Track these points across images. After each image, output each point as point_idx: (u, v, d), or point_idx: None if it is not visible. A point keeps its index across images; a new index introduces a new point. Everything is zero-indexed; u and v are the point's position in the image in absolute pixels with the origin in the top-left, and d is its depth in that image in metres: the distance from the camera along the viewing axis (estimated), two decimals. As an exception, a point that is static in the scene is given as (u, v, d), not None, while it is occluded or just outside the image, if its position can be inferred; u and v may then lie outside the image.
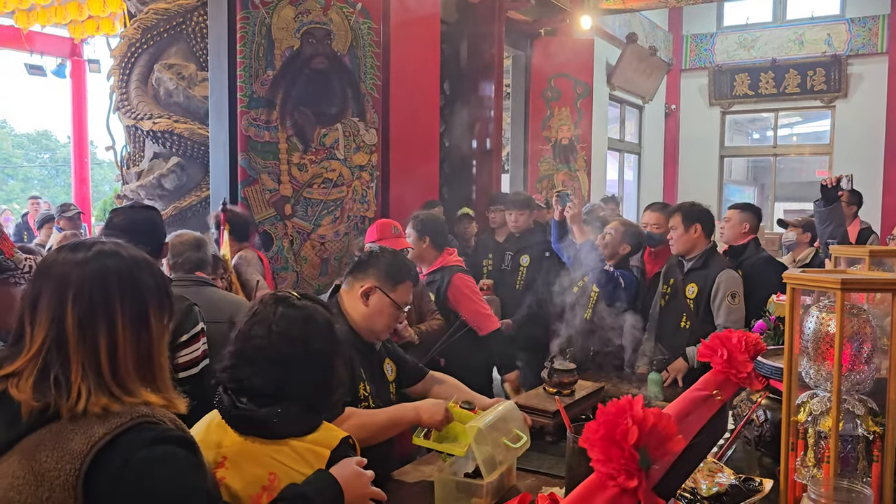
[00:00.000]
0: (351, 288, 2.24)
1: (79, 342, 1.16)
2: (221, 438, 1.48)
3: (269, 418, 1.46)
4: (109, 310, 1.19)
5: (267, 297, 1.62)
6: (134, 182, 6.93)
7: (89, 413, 1.12)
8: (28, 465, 1.10)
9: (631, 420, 0.83)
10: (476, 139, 6.50)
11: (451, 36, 6.33)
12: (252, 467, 1.43)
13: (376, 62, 4.87)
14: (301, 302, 1.60)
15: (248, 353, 1.52)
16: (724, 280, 3.50)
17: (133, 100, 6.79)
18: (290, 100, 4.47)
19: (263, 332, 1.53)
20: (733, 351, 1.38)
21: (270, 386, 1.49)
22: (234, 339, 1.57)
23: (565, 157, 7.83)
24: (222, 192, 4.42)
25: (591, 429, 0.86)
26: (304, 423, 1.49)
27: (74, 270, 1.19)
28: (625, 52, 9.50)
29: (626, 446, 0.81)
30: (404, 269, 2.26)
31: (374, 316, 2.20)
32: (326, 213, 4.68)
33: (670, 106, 11.79)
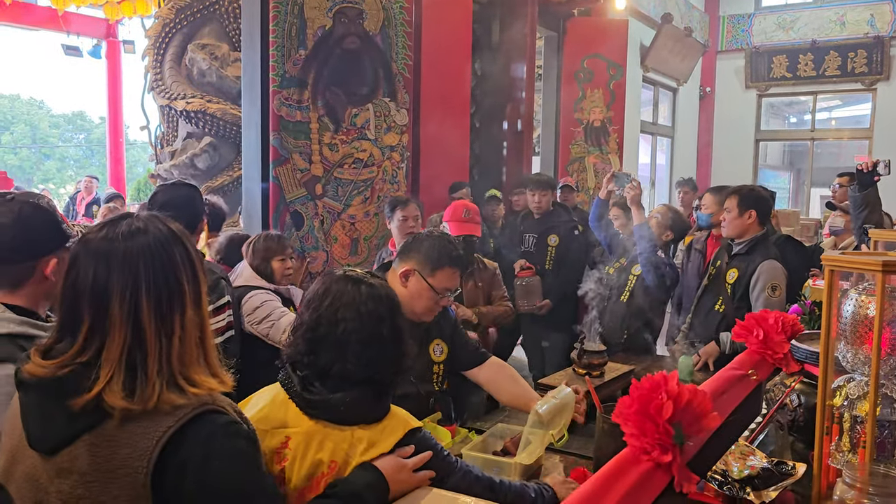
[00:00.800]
0: (397, 268, 2.25)
1: (157, 332, 1.11)
2: (286, 417, 1.46)
3: (341, 404, 1.44)
4: (181, 295, 1.15)
5: (341, 277, 1.55)
6: (167, 162, 7.03)
7: (156, 409, 1.09)
8: (96, 462, 1.07)
9: (666, 395, 0.82)
10: (507, 120, 6.46)
11: (483, 16, 6.27)
12: (315, 453, 1.42)
13: (408, 42, 4.85)
14: (376, 281, 1.57)
15: (337, 338, 1.47)
16: (766, 270, 3.42)
17: (167, 80, 6.87)
18: (321, 79, 4.47)
19: (352, 314, 1.48)
20: (770, 331, 1.36)
21: (360, 370, 1.45)
22: (314, 322, 1.50)
23: (597, 139, 7.74)
24: (254, 171, 4.45)
25: (625, 403, 0.85)
26: (375, 409, 1.47)
27: (138, 250, 1.13)
28: (659, 32, 9.34)
29: (661, 421, 0.81)
30: (445, 255, 2.21)
31: (413, 298, 2.19)
32: (357, 194, 4.69)
33: (705, 88, 11.59)
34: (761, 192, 3.66)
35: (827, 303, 1.61)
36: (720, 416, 0.98)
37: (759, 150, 11.75)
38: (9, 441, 1.19)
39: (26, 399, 1.14)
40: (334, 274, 1.58)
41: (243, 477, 1.12)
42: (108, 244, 1.14)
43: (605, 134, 7.82)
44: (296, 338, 1.52)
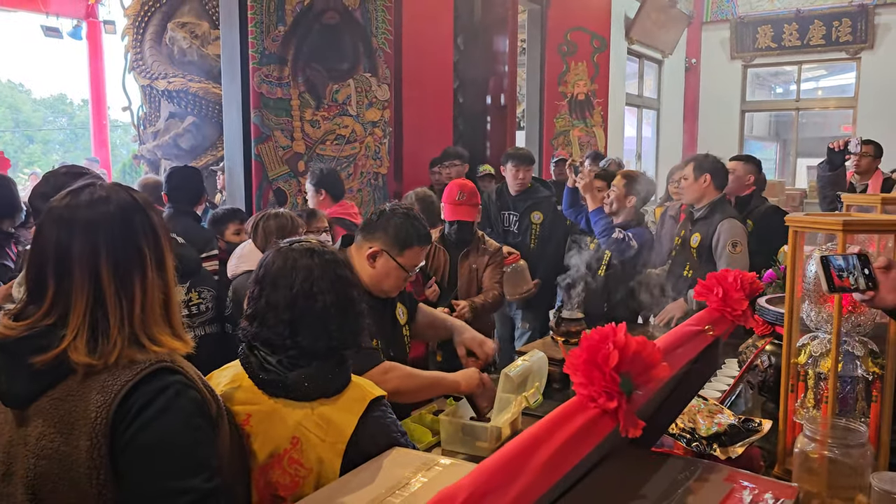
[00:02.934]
0: (360, 247, 2.21)
1: (116, 294, 1.16)
2: (246, 394, 1.46)
3: (299, 382, 1.44)
4: (141, 260, 1.19)
5: (286, 248, 1.54)
6: (151, 142, 6.99)
7: (116, 364, 1.14)
8: (59, 415, 1.13)
9: (612, 345, 0.85)
10: (490, 95, 6.45)
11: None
12: (277, 429, 1.42)
13: (388, 16, 4.83)
14: (325, 249, 1.56)
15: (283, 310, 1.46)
16: (726, 229, 3.49)
17: (147, 59, 6.81)
18: (301, 56, 4.46)
19: (297, 285, 1.47)
20: (729, 289, 1.39)
21: (314, 343, 1.46)
22: (258, 294, 1.50)
23: (581, 112, 7.75)
24: (236, 149, 4.44)
25: (575, 354, 0.88)
26: (335, 381, 1.47)
27: (99, 218, 1.18)
28: (644, 4, 9.30)
29: (607, 370, 0.83)
30: (413, 234, 2.19)
31: (381, 278, 2.18)
32: (340, 170, 4.69)
33: (690, 60, 11.56)
34: (716, 158, 3.73)
35: (791, 263, 1.65)
36: (673, 368, 1.01)
37: (744, 121, 11.76)
38: None
39: None
40: (290, 247, 1.55)
41: (177, 436, 1.14)
42: (71, 211, 1.19)
43: (589, 107, 7.83)
44: (266, 318, 1.48)
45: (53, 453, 1.13)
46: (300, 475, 1.42)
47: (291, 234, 3.01)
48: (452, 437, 2.02)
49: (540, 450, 0.71)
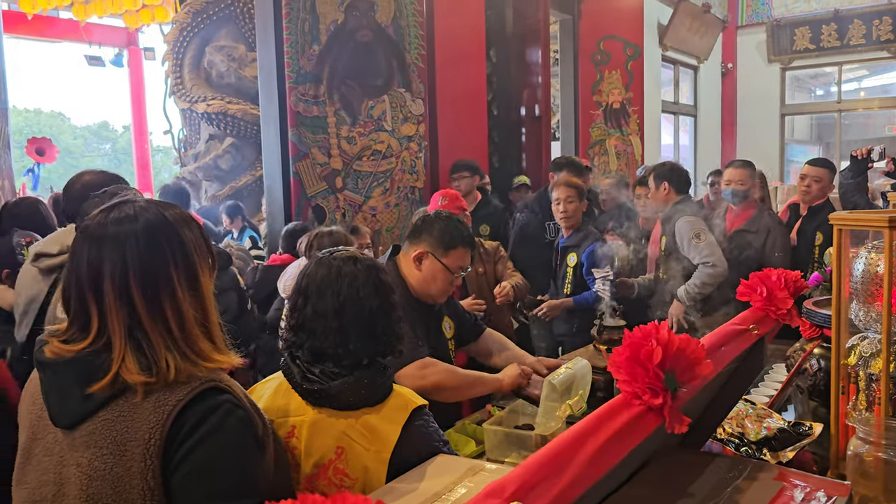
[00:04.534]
0: (407, 252, 2.27)
1: (150, 314, 1.16)
2: (290, 405, 1.48)
3: (343, 392, 1.45)
4: (168, 279, 1.18)
5: (326, 258, 1.56)
6: (192, 164, 7.14)
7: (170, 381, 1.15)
8: (111, 436, 1.13)
9: (656, 342, 0.85)
10: (524, 106, 6.45)
11: (496, 2, 6.27)
12: (322, 439, 1.43)
13: (420, 32, 4.88)
14: (363, 259, 1.58)
15: (324, 320, 1.48)
16: (680, 226, 3.70)
17: (187, 83, 6.98)
18: (336, 74, 4.52)
19: (336, 295, 1.49)
20: (773, 288, 1.36)
21: (355, 352, 1.47)
22: (300, 305, 1.52)
23: (617, 121, 7.71)
24: (275, 168, 4.51)
25: (618, 352, 0.88)
26: (377, 389, 1.48)
27: (125, 237, 1.17)
28: (677, 10, 9.23)
29: (651, 366, 0.83)
30: (457, 235, 2.25)
31: (428, 281, 2.22)
32: (376, 185, 4.74)
33: (727, 65, 11.43)
34: (674, 165, 4.02)
35: (837, 263, 1.61)
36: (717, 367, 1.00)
37: (784, 125, 11.56)
38: (28, 418, 1.25)
39: (46, 378, 1.20)
40: (332, 256, 1.57)
41: (227, 456, 1.14)
42: (101, 229, 1.19)
43: (625, 115, 7.78)
44: (314, 327, 1.50)
45: (107, 474, 1.13)
46: (346, 485, 1.42)
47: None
48: (497, 445, 2.02)
49: (586, 444, 0.71)
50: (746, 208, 4.00)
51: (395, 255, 2.33)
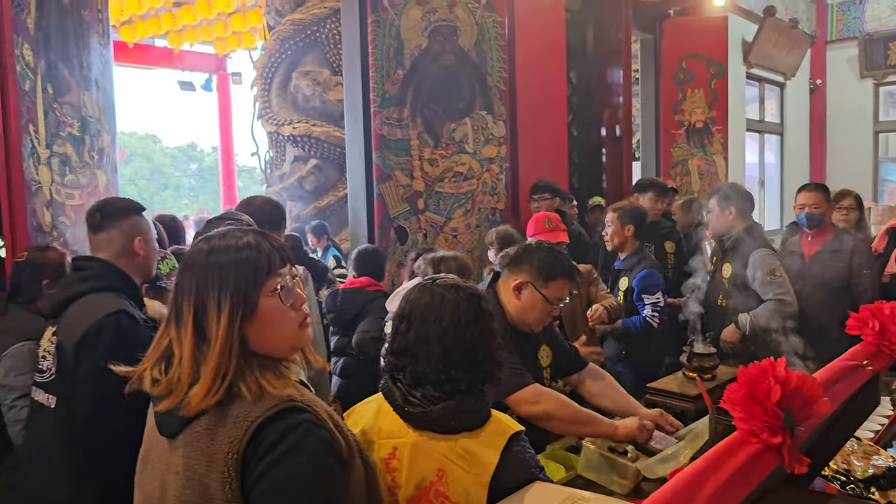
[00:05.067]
0: (507, 280, 2.28)
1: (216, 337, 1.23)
2: (391, 427, 1.51)
3: (444, 415, 1.47)
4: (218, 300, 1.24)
5: (429, 285, 1.59)
6: (277, 185, 7.38)
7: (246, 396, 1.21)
8: (200, 447, 1.21)
9: (773, 379, 0.83)
10: (605, 126, 6.41)
11: (576, 24, 6.27)
12: (423, 461, 1.46)
13: (502, 55, 4.92)
14: (465, 285, 1.60)
15: (427, 345, 1.51)
16: (758, 259, 3.60)
17: (274, 107, 7.23)
18: (419, 97, 4.61)
19: (438, 320, 1.52)
20: (886, 322, 1.31)
21: (454, 377, 1.49)
22: (404, 329, 1.55)
23: (700, 140, 7.54)
24: (359, 189, 4.62)
25: (733, 389, 0.87)
26: (477, 414, 1.50)
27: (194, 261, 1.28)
28: (762, 27, 8.99)
29: (769, 405, 0.81)
30: (557, 266, 2.25)
31: (527, 310, 2.23)
32: (458, 206, 4.78)
33: (815, 81, 11.03)
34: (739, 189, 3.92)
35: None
36: (833, 403, 0.97)
37: (878, 143, 11.05)
38: (149, 426, 1.37)
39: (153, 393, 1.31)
40: (435, 283, 1.60)
41: (305, 475, 1.17)
42: (186, 256, 1.33)
43: (708, 134, 7.61)
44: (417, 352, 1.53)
45: (196, 483, 1.20)
46: None
47: (468, 274, 3.16)
48: (592, 465, 2.00)
49: (707, 483, 0.71)
50: (822, 231, 3.91)
51: (495, 283, 2.34)
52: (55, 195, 2.72)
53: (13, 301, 2.44)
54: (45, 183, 2.65)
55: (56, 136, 2.71)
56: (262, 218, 2.63)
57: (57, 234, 2.74)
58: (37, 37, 2.59)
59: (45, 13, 2.64)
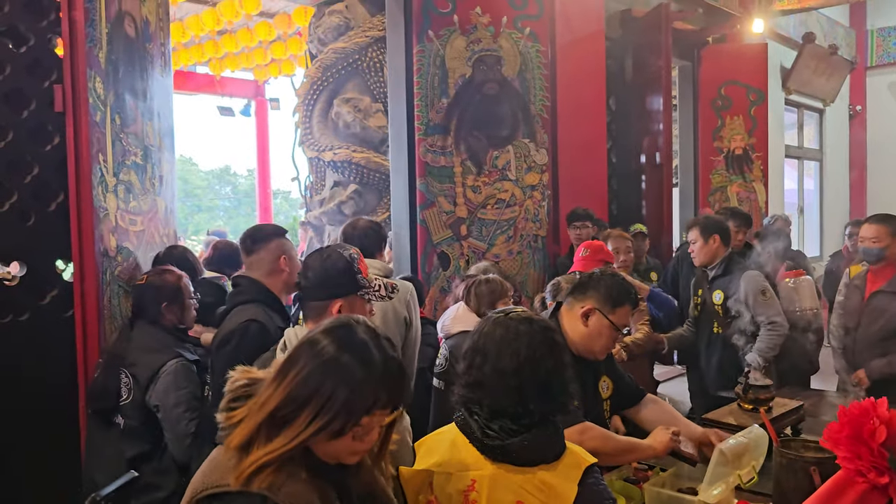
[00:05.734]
0: (571, 308, 2.29)
1: (295, 448, 1.24)
2: (468, 459, 1.52)
3: (523, 448, 1.48)
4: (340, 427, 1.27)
5: (502, 319, 1.60)
6: (317, 209, 7.48)
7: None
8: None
9: (878, 420, 0.84)
10: (644, 153, 6.41)
11: (616, 51, 6.31)
12: (502, 494, 1.46)
13: (545, 83, 4.98)
14: (537, 319, 1.62)
15: (502, 379, 1.52)
16: (747, 282, 3.68)
17: (315, 133, 7.34)
18: (463, 125, 4.67)
19: (514, 355, 1.52)
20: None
21: (529, 411, 1.50)
22: (479, 364, 1.56)
23: (739, 167, 7.50)
24: (403, 216, 4.69)
25: (835, 428, 0.88)
26: (553, 448, 1.52)
27: (329, 373, 1.27)
28: (801, 53, 8.96)
29: (875, 445, 0.82)
30: (624, 293, 2.27)
31: (594, 337, 2.24)
32: (500, 233, 4.81)
33: (855, 107, 10.93)
34: (717, 218, 4.04)
35: None
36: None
37: (920, 170, 10.90)
38: None
39: None
40: (508, 317, 1.61)
41: None
42: (322, 336, 1.34)
43: (747, 161, 7.57)
44: (466, 378, 1.56)
45: None
46: None
47: (501, 296, 3.22)
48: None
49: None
50: (886, 267, 3.64)
51: (557, 312, 2.36)
52: (120, 221, 2.80)
53: (138, 320, 2.64)
54: (112, 210, 2.74)
55: (122, 165, 2.80)
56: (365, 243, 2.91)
57: (121, 259, 2.82)
58: (107, 70, 2.69)
59: (114, 47, 2.75)
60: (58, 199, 2.75)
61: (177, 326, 2.64)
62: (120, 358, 2.54)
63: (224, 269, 3.74)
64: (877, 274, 3.67)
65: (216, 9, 8.92)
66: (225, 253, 3.90)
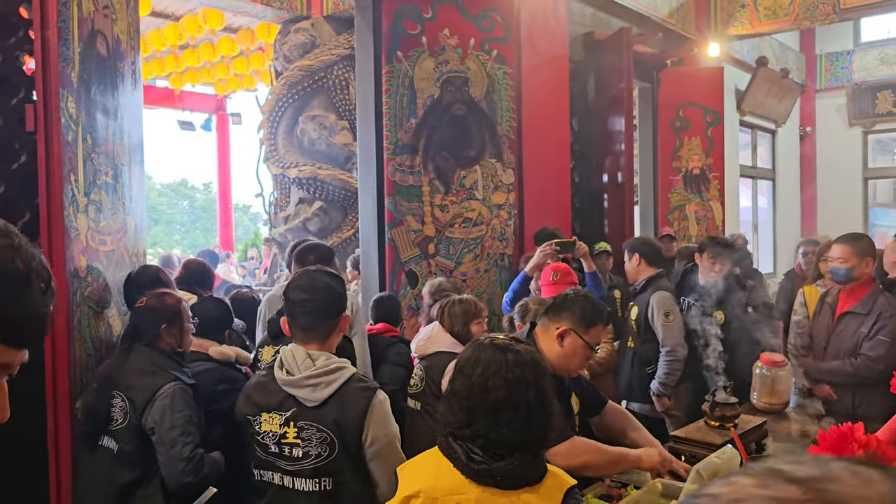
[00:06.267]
0: (546, 329, 2.37)
1: None
2: (452, 484, 1.55)
3: (508, 472, 1.51)
4: None
5: (487, 345, 1.64)
6: (282, 226, 7.44)
7: None
8: None
9: (856, 444, 0.90)
10: (606, 173, 6.54)
11: (579, 73, 6.44)
12: None
13: (511, 104, 5.06)
14: (521, 346, 1.65)
15: (489, 406, 1.55)
16: (657, 301, 3.95)
17: (281, 150, 7.33)
18: (431, 145, 4.72)
19: (500, 382, 1.56)
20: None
21: (514, 436, 1.53)
22: (466, 391, 1.59)
23: (697, 186, 7.70)
24: (371, 234, 4.70)
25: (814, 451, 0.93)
26: (536, 470, 1.56)
27: None
28: (755, 76, 9.25)
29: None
30: (597, 313, 2.36)
31: (569, 356, 2.31)
32: (467, 251, 4.86)
33: (805, 128, 11.31)
34: (644, 239, 4.39)
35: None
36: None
37: (868, 189, 11.31)
38: None
39: None
40: (482, 342, 1.66)
41: None
42: None
43: (704, 180, 7.77)
44: (451, 406, 1.61)
45: None
46: None
47: (476, 316, 3.29)
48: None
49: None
50: (858, 288, 3.58)
51: (532, 332, 2.41)
52: (90, 241, 2.77)
53: (135, 343, 2.59)
54: (83, 230, 2.71)
55: (93, 185, 2.77)
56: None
57: (91, 279, 2.79)
58: (79, 89, 2.67)
59: (87, 66, 2.73)
60: (24, 219, 2.72)
61: (175, 350, 2.60)
62: (114, 381, 2.50)
63: (195, 288, 3.71)
64: (849, 294, 3.63)
65: (179, 24, 8.85)
66: (196, 272, 3.87)
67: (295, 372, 2.03)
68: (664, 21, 7.50)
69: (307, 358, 2.04)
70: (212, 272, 3.58)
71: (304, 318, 2.09)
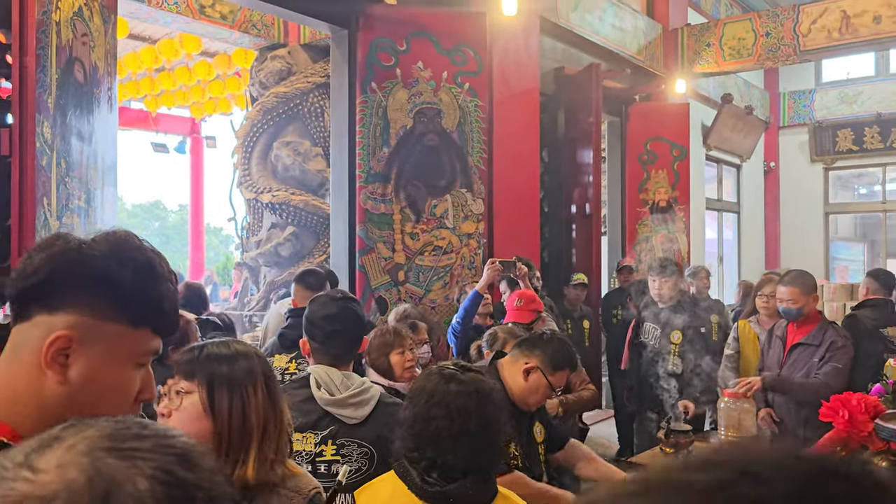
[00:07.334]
0: (516, 360, 2.45)
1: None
2: None
3: (462, 493, 1.59)
4: None
5: (434, 374, 1.72)
6: (254, 250, 7.46)
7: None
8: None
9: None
10: (575, 203, 6.69)
11: (550, 106, 6.61)
12: None
13: (482, 136, 5.18)
14: (467, 376, 1.72)
15: (431, 434, 1.63)
16: None
17: (254, 174, 7.38)
18: (403, 174, 4.82)
19: (442, 412, 1.63)
20: (854, 412, 1.48)
21: (459, 462, 1.61)
22: (412, 419, 1.67)
23: (663, 219, 7.89)
24: (342, 260, 4.76)
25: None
26: (486, 492, 1.64)
27: None
28: (720, 112, 9.54)
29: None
30: (567, 358, 2.45)
31: (531, 391, 2.40)
32: (437, 279, 4.94)
33: (769, 163, 11.64)
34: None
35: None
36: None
37: (829, 223, 11.63)
38: None
39: None
40: (431, 371, 1.75)
41: None
42: None
43: (671, 213, 7.96)
44: (402, 433, 1.69)
45: None
46: None
47: (394, 347, 2.99)
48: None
49: None
50: (806, 321, 3.66)
51: (497, 360, 2.49)
52: (61, 265, 2.80)
53: None
54: (54, 254, 2.74)
55: (66, 209, 2.81)
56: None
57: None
58: (55, 115, 2.72)
59: (63, 92, 2.78)
60: (-5, 241, 2.75)
61: None
62: None
63: (197, 307, 3.80)
64: (798, 326, 3.70)
65: (155, 47, 8.90)
66: (196, 293, 4.00)
67: (335, 392, 2.04)
68: (633, 58, 7.73)
69: (344, 378, 2.10)
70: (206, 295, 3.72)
71: (336, 347, 2.13)
